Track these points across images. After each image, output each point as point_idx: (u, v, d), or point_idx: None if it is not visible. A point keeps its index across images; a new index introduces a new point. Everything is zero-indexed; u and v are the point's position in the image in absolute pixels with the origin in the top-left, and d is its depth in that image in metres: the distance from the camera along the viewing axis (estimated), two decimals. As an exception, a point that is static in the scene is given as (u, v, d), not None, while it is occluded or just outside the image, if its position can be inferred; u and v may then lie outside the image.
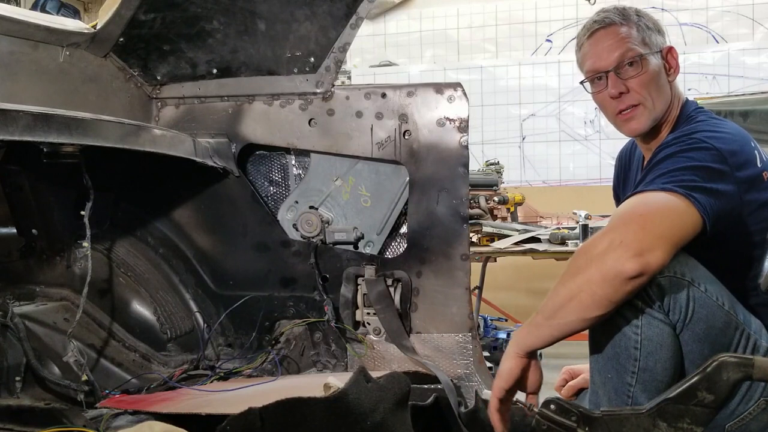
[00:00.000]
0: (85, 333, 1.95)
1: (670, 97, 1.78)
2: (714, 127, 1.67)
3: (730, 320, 1.54)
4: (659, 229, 1.45)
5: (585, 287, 1.45)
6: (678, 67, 1.79)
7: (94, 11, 6.25)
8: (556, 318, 1.48)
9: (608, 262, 1.43)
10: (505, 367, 1.52)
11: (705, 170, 1.54)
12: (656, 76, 1.75)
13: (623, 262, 1.41)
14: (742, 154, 1.61)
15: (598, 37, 1.77)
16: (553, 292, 1.50)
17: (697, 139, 1.61)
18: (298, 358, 2.07)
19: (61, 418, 1.42)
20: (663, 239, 1.44)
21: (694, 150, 1.58)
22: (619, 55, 1.74)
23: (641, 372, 1.51)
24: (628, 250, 1.41)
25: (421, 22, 6.30)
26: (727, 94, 4.91)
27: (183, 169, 2.00)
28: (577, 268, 1.47)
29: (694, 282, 1.50)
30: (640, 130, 1.78)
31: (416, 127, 1.99)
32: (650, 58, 1.74)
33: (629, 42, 1.74)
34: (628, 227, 1.44)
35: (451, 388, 1.71)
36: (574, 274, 1.47)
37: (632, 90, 1.75)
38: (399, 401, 1.38)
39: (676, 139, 1.65)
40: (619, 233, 1.44)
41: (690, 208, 1.48)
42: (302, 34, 1.98)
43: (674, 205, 1.48)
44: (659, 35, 1.78)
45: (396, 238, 2.12)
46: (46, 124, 1.51)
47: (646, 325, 1.50)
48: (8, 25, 1.78)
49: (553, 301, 1.48)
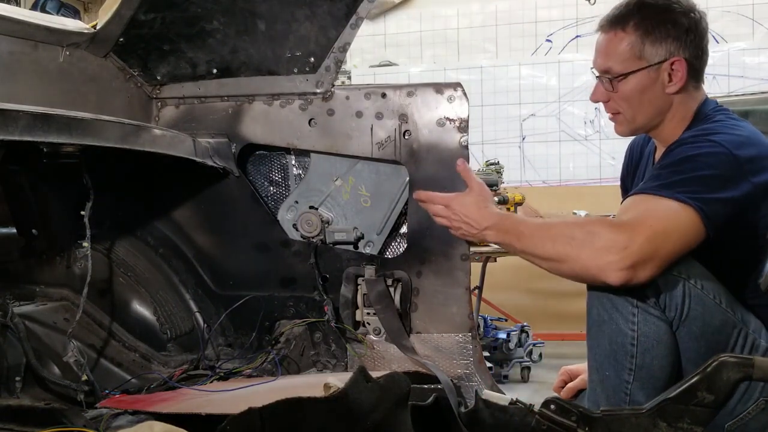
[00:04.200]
0: (85, 333, 1.95)
1: (663, 108, 1.73)
2: (731, 129, 1.64)
3: (727, 318, 1.54)
4: (663, 247, 1.48)
5: (569, 260, 1.52)
6: (682, 79, 1.71)
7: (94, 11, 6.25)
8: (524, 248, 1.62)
9: (601, 262, 1.46)
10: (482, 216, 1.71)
11: (718, 178, 1.54)
12: (639, 92, 1.72)
13: (614, 271, 1.46)
14: (759, 158, 1.60)
15: (599, 37, 1.78)
16: (539, 233, 1.59)
17: (713, 141, 1.60)
18: (298, 358, 2.07)
19: (61, 418, 1.41)
20: (661, 259, 1.48)
21: (710, 155, 1.57)
22: (603, 68, 1.75)
23: (638, 369, 1.52)
24: (625, 260, 1.44)
25: (421, 22, 6.30)
26: (727, 94, 4.91)
27: (183, 169, 2.00)
28: (573, 239, 1.52)
29: (691, 279, 1.51)
30: (621, 134, 1.82)
31: (416, 127, 1.99)
32: (635, 76, 1.70)
33: (616, 56, 1.71)
34: (635, 236, 1.46)
35: (451, 388, 1.71)
36: (568, 241, 1.53)
37: (612, 99, 1.75)
38: (399, 401, 1.38)
39: (694, 138, 1.64)
40: (626, 238, 1.45)
41: (699, 223, 1.50)
42: (302, 34, 1.98)
43: (684, 222, 1.50)
44: (667, 43, 1.70)
45: (396, 238, 2.12)
46: (46, 124, 1.51)
47: (642, 321, 1.51)
48: (8, 25, 1.78)
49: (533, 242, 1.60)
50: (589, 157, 5.70)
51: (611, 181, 5.37)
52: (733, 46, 5.35)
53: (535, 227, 1.62)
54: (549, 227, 1.60)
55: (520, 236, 1.62)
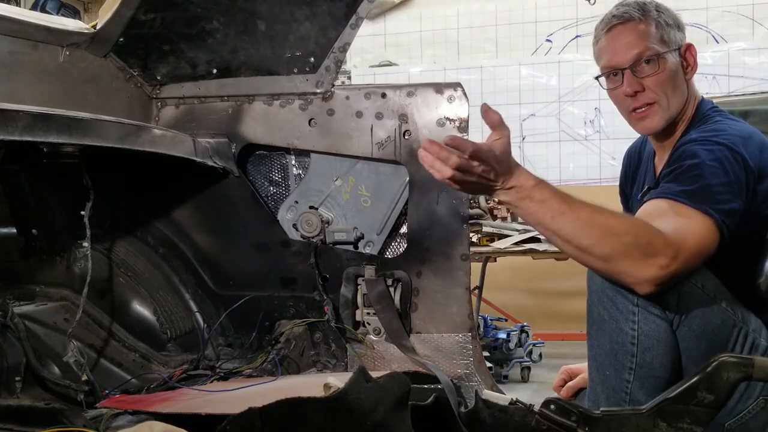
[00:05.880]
0: (85, 333, 1.95)
1: (686, 95, 1.75)
2: (739, 132, 1.65)
3: (727, 317, 1.54)
4: (693, 266, 1.49)
5: (607, 258, 1.46)
6: (696, 64, 1.76)
7: (94, 11, 6.25)
8: (558, 229, 1.47)
9: (642, 273, 1.45)
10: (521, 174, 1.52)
11: (736, 185, 1.56)
12: (673, 75, 1.73)
13: (651, 285, 1.45)
14: (761, 161, 1.62)
15: (616, 33, 1.75)
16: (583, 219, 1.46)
17: (728, 147, 1.59)
18: (298, 358, 2.07)
19: (61, 418, 1.41)
20: (686, 274, 1.49)
21: (728, 162, 1.57)
22: (637, 53, 1.72)
23: (638, 368, 1.52)
24: (663, 278, 1.45)
25: (421, 22, 6.29)
26: (727, 94, 4.90)
27: (183, 169, 2.00)
28: (618, 236, 1.45)
29: (692, 278, 1.51)
30: (653, 129, 1.77)
31: (416, 127, 1.99)
32: (668, 56, 1.72)
33: (648, 40, 1.72)
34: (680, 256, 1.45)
35: (451, 388, 1.71)
36: (612, 236, 1.45)
37: (648, 89, 1.72)
38: (399, 401, 1.38)
39: (705, 140, 1.63)
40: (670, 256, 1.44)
41: (717, 235, 1.51)
42: (302, 34, 1.98)
43: (712, 240, 1.51)
44: (679, 32, 1.76)
45: (396, 238, 2.12)
46: (46, 124, 1.51)
47: (643, 320, 1.51)
48: (8, 25, 1.78)
49: (573, 227, 1.46)
50: (589, 157, 5.69)
51: (611, 182, 5.36)
52: (733, 46, 5.35)
53: (576, 209, 1.46)
54: (592, 214, 1.46)
55: (556, 215, 1.46)
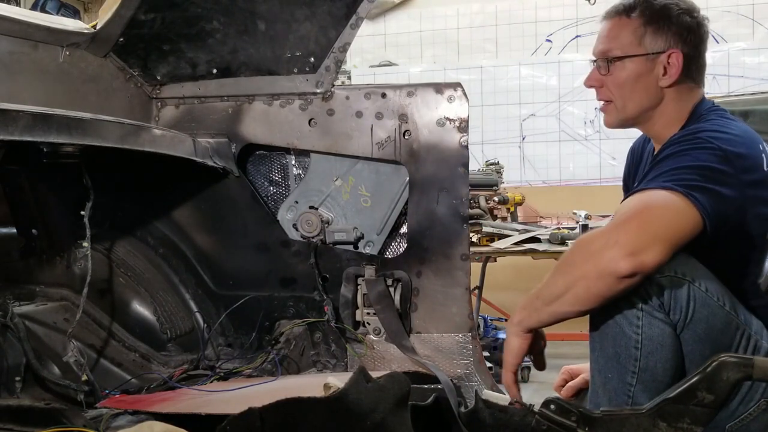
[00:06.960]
0: (85, 333, 1.95)
1: (655, 101, 1.74)
2: (722, 127, 1.64)
3: (730, 320, 1.54)
4: (656, 228, 1.46)
5: (581, 282, 1.48)
6: (676, 73, 1.72)
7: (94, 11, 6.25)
8: (552, 306, 1.53)
9: (603, 261, 1.44)
10: (513, 346, 1.60)
11: (707, 170, 1.53)
12: (634, 80, 1.73)
13: (617, 261, 1.43)
14: (748, 157, 1.59)
15: (602, 24, 1.80)
16: (550, 280, 1.54)
17: (702, 138, 1.60)
18: (298, 358, 2.07)
19: (61, 418, 1.41)
20: (659, 239, 1.45)
21: (698, 150, 1.57)
22: (602, 50, 1.77)
23: (641, 372, 1.52)
24: (622, 250, 1.43)
25: (421, 22, 6.30)
26: (727, 94, 4.90)
27: (183, 169, 2.00)
28: (574, 262, 1.50)
29: (695, 282, 1.50)
30: (609, 125, 1.84)
31: (416, 127, 1.99)
32: (632, 61, 1.72)
33: (617, 41, 1.74)
34: (626, 226, 1.46)
35: (451, 388, 1.71)
36: (570, 266, 1.51)
37: (605, 86, 1.77)
38: (399, 401, 1.38)
39: (682, 137, 1.64)
40: (616, 232, 1.45)
41: (689, 207, 1.48)
42: (302, 34, 1.98)
43: (673, 204, 1.48)
44: (668, 36, 1.72)
45: (396, 238, 2.12)
46: (46, 124, 1.51)
47: (646, 324, 1.50)
48: (8, 25, 1.78)
49: (550, 290, 1.53)
50: (589, 157, 5.70)
51: (611, 181, 5.37)
52: (733, 46, 5.35)
53: (541, 286, 1.56)
54: (550, 275, 1.55)
55: (536, 300, 1.56)
